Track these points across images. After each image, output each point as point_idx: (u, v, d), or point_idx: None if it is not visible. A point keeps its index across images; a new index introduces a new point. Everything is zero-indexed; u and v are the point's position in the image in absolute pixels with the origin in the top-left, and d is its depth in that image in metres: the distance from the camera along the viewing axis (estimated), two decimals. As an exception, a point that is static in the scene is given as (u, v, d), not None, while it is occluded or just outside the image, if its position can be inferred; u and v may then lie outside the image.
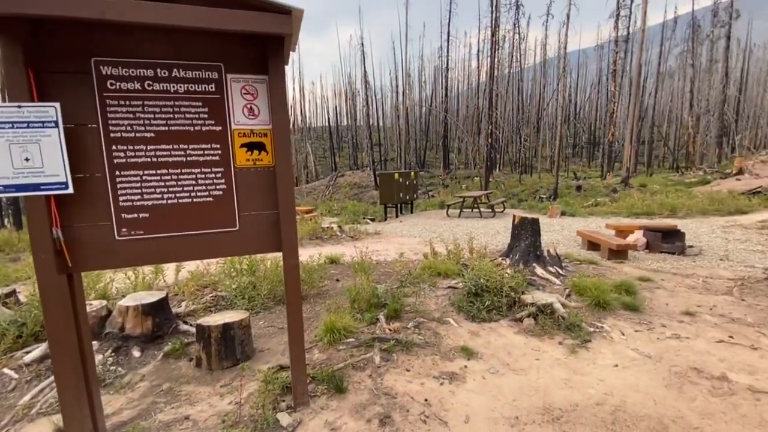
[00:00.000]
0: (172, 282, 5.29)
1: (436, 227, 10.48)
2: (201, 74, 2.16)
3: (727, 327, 3.46)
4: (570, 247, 7.37)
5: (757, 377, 2.62)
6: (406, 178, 13.75)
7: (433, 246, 5.89)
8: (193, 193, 2.21)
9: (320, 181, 32.15)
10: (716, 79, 31.51)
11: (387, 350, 3.01)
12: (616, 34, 24.38)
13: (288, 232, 2.30)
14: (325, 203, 21.92)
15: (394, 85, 39.35)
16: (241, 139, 2.26)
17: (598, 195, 17.48)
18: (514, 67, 34.56)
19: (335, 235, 8.91)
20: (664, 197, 13.53)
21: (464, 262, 5.33)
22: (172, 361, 3.26)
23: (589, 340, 3.20)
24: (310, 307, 4.33)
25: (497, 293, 3.86)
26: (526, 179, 27.14)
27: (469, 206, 13.39)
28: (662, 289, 4.57)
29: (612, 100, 24.35)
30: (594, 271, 5.25)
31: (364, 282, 3.95)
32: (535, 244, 4.92)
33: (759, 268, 5.57)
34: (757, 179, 19.28)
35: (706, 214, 11.04)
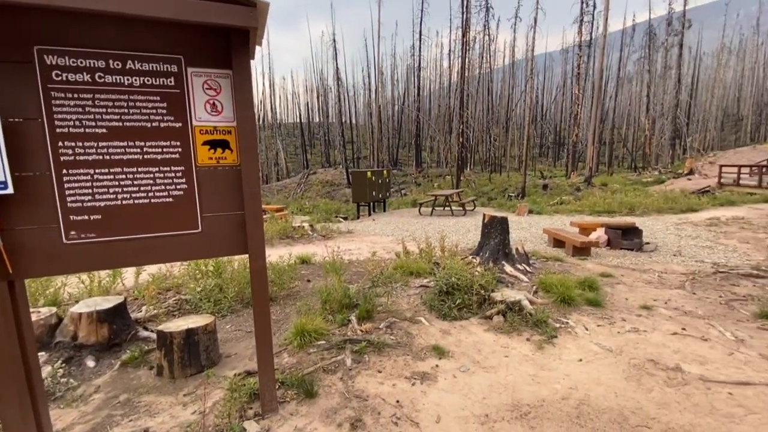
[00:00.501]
0: (131, 285, 5.02)
1: (409, 225, 10.54)
2: (159, 67, 2.03)
3: (681, 320, 3.66)
4: (537, 244, 7.60)
5: (707, 367, 2.78)
6: (379, 177, 13.74)
7: (406, 245, 5.90)
8: (150, 193, 2.08)
9: (291, 179, 31.61)
10: (670, 84, 33.43)
11: (359, 352, 2.97)
12: (579, 38, 25.36)
13: (254, 233, 2.22)
14: (296, 201, 21.55)
15: (367, 83, 39.26)
16: (203, 136, 2.15)
17: (563, 193, 18.15)
18: (484, 68, 35.28)
19: (307, 235, 8.77)
20: (623, 196, 14.22)
21: (436, 261, 5.37)
22: (130, 370, 3.08)
23: (555, 336, 3.30)
24: (279, 309, 4.22)
25: (468, 291, 3.91)
26: (496, 178, 27.82)
27: (441, 204, 13.55)
28: (622, 285, 4.78)
29: (576, 102, 25.34)
30: (559, 268, 5.43)
31: (336, 283, 3.90)
32: (504, 242, 5.03)
33: (708, 263, 5.95)
34: (706, 179, 20.65)
35: (661, 212, 11.69)
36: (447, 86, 37.76)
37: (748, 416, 2.26)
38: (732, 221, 9.29)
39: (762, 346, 3.11)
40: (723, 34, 47.62)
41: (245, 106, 2.15)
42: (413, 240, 7.84)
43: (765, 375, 2.68)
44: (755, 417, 2.25)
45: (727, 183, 17.55)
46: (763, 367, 2.79)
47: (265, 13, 2.01)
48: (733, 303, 4.04)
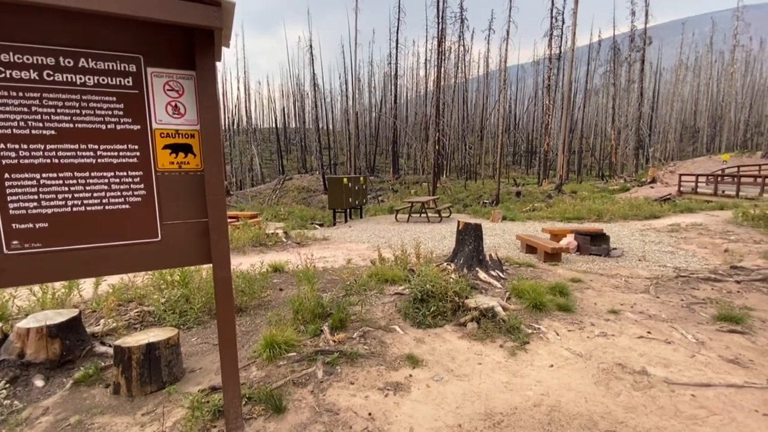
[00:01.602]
0: (90, 297, 4.73)
1: (385, 232, 10.51)
2: (115, 66, 1.92)
3: (646, 323, 3.77)
4: (510, 250, 7.72)
5: (671, 370, 2.86)
6: (356, 183, 13.67)
7: (381, 252, 5.85)
8: (105, 200, 1.95)
9: (266, 185, 31.06)
10: (633, 97, 35.14)
11: (331, 363, 2.89)
12: (549, 51, 26.35)
13: (218, 242, 2.11)
14: (271, 208, 21.14)
15: (344, 89, 39.27)
16: (163, 140, 2.04)
17: (536, 200, 18.63)
18: (459, 78, 36.01)
19: (280, 242, 8.58)
20: (591, 203, 14.73)
21: (411, 268, 5.35)
22: (84, 389, 2.87)
23: (528, 342, 3.32)
24: (249, 320, 4.07)
25: (442, 298, 3.89)
26: (471, 185, 28.29)
27: (417, 211, 13.61)
28: (591, 290, 4.90)
29: (547, 112, 26.22)
30: (532, 274, 5.51)
31: (308, 292, 3.79)
32: (478, 248, 5.07)
33: (670, 267, 6.20)
34: (667, 187, 21.74)
35: (626, 218, 12.16)
36: (423, 95, 38.31)
37: (710, 417, 2.32)
38: (691, 227, 9.77)
39: (721, 347, 3.24)
40: (680, 51, 50.64)
41: (210, 109, 2.06)
42: (389, 247, 7.81)
43: (724, 376, 2.78)
44: (717, 418, 2.31)
45: (686, 191, 18.53)
46: (722, 368, 2.89)
47: (231, 13, 1.93)
48: (693, 306, 4.21)
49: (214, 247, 2.11)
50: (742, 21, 38.50)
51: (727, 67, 44.20)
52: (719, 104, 46.97)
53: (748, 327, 3.63)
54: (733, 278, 5.19)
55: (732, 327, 3.60)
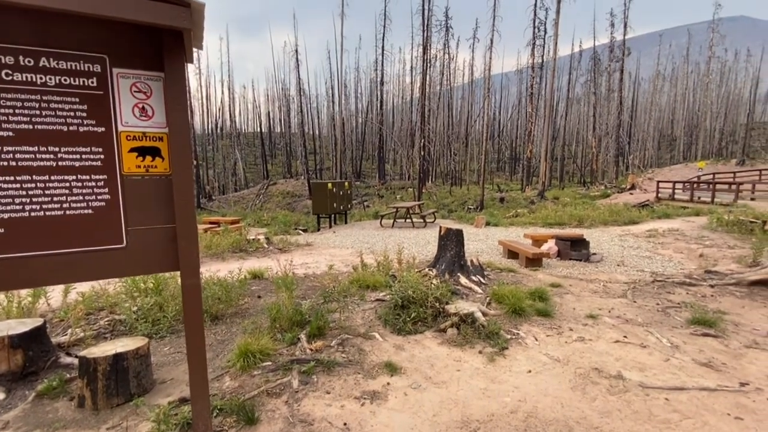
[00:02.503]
0: (59, 305, 4.55)
1: (370, 238, 10.47)
2: (79, 66, 1.86)
3: (622, 328, 3.83)
4: (493, 255, 7.78)
5: (646, 374, 2.90)
6: (340, 188, 13.62)
7: (363, 258, 5.81)
8: (66, 204, 1.87)
9: (250, 190, 30.69)
10: (613, 106, 36.15)
11: (306, 372, 2.83)
12: (532, 60, 26.92)
13: (187, 248, 2.05)
14: (255, 213, 20.88)
15: (330, 95, 39.27)
16: (130, 142, 1.98)
17: (519, 206, 18.89)
18: (444, 85, 36.44)
19: (262, 248, 8.45)
20: (573, 209, 15.00)
21: (393, 273, 5.32)
22: (47, 402, 2.74)
23: (507, 347, 3.32)
24: (225, 329, 3.98)
25: (423, 304, 3.87)
26: (456, 191, 28.52)
27: (402, 216, 13.62)
28: (570, 294, 4.96)
29: (530, 120, 26.73)
30: (512, 279, 5.56)
31: (286, 299, 3.73)
32: (460, 254, 5.08)
33: (647, 272, 6.34)
34: (646, 194, 22.34)
35: (606, 224, 12.42)
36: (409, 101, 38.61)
37: (683, 421, 2.35)
38: (668, 233, 10.03)
39: (694, 351, 3.30)
40: (658, 62, 52.44)
41: (179, 112, 2.01)
42: (372, 253, 7.77)
43: (697, 380, 2.83)
44: (690, 422, 2.35)
45: (663, 197, 19.07)
46: (695, 372, 2.95)
47: (201, 14, 1.90)
48: (668, 310, 4.30)
49: (183, 253, 2.05)
50: (718, 33, 40.14)
51: (702, 78, 45.93)
52: (695, 113, 48.73)
53: (722, 330, 3.72)
54: (708, 282, 5.33)
55: (706, 330, 3.68)
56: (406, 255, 6.68)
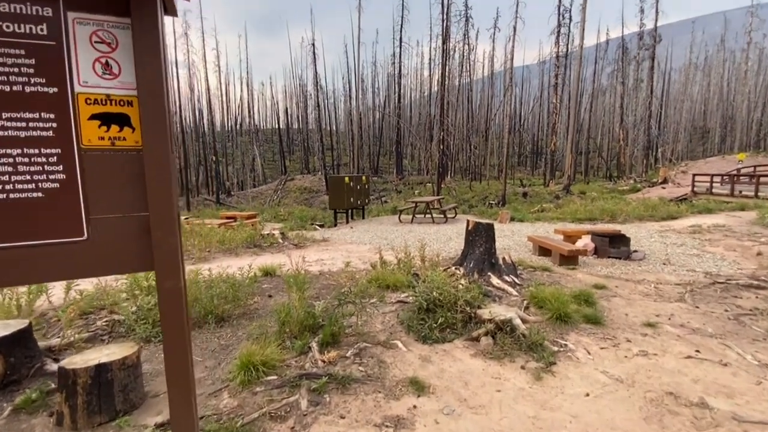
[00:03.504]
0: (61, 303, 4.26)
1: (388, 233, 10.00)
2: (24, 9, 1.43)
3: (691, 339, 3.24)
4: (522, 252, 7.18)
5: (737, 401, 2.33)
6: (358, 183, 13.18)
7: (382, 254, 5.34)
8: (9, 186, 1.46)
9: (268, 185, 30.69)
10: (641, 96, 34.45)
11: (317, 390, 2.38)
12: (557, 49, 25.75)
13: (164, 242, 1.62)
14: (272, 208, 20.72)
15: (347, 90, 38.88)
16: (90, 107, 1.55)
17: (543, 201, 18.04)
18: (464, 77, 35.48)
19: (277, 243, 8.09)
20: (604, 203, 14.13)
21: (415, 272, 4.84)
22: (24, 417, 2.39)
23: (554, 362, 2.80)
24: (231, 332, 3.58)
25: (451, 308, 3.38)
26: (476, 186, 27.72)
27: (421, 212, 13.10)
28: (618, 297, 4.36)
29: (554, 111, 25.62)
30: (549, 279, 4.98)
31: (296, 300, 3.29)
32: (490, 251, 4.55)
33: (700, 272, 5.64)
34: (679, 188, 21.06)
35: (642, 219, 11.57)
36: (428, 95, 37.83)
37: (803, 471, 1.79)
38: (714, 228, 9.17)
39: (787, 370, 2.70)
40: (690, 51, 49.82)
41: (151, 68, 1.57)
42: (391, 249, 7.30)
43: (804, 410, 2.24)
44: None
45: (700, 191, 17.86)
46: (798, 399, 2.36)
47: (175, -64, 1.45)
48: (742, 318, 3.66)
49: (158, 248, 1.61)
50: (757, 17, 37.68)
51: (739, 66, 43.33)
52: (730, 104, 46.07)
53: (813, 344, 3.09)
54: (777, 285, 4.63)
55: (793, 344, 3.06)
56: (429, 252, 6.18)
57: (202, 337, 3.49)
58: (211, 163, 30.97)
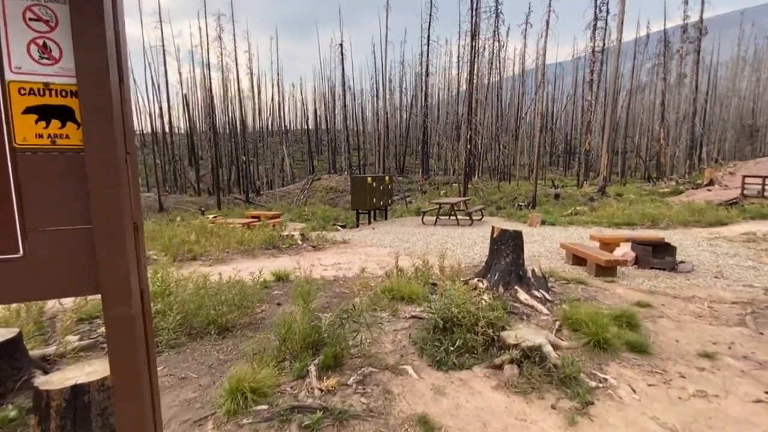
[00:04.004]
0: (71, 305, 4.17)
1: (410, 236, 9.60)
2: (-55, -20, 1.18)
3: (759, 376, 2.68)
4: (553, 260, 6.61)
5: (837, 473, 1.81)
6: (381, 183, 12.85)
7: (399, 261, 4.98)
8: (-73, 193, 1.21)
9: (295, 185, 30.96)
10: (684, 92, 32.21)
11: (310, 427, 2.05)
12: (593, 44, 24.41)
13: (110, 263, 1.32)
14: (298, 207, 20.76)
15: (375, 90, 38.68)
16: (25, 98, 1.27)
17: (577, 203, 17.06)
18: (493, 75, 34.41)
19: (296, 244, 7.89)
20: (644, 207, 13.12)
21: (434, 281, 4.45)
22: (-1, 439, 2.21)
23: (592, 402, 2.34)
24: (233, 344, 3.33)
25: (471, 329, 2.97)
26: (505, 186, 26.77)
27: (446, 213, 12.61)
28: (666, 319, 3.79)
29: (589, 109, 24.30)
30: (584, 294, 4.45)
31: (299, 314, 2.99)
32: (518, 262, 4.09)
33: (759, 288, 4.92)
34: (727, 190, 19.39)
35: (687, 225, 10.59)
36: (456, 94, 37.00)
37: None
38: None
39: None
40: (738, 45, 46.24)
41: (95, 51, 1.28)
42: (411, 254, 6.91)
43: None
44: None
45: (750, 194, 16.32)
46: None
47: None
48: (824, 352, 3.04)
49: (103, 269, 1.32)
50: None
51: (795, 59, 39.71)
52: (785, 100, 42.34)
53: None
54: None
55: None
56: (451, 258, 5.76)
57: (202, 349, 3.25)
58: (242, 163, 31.60)
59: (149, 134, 35.21)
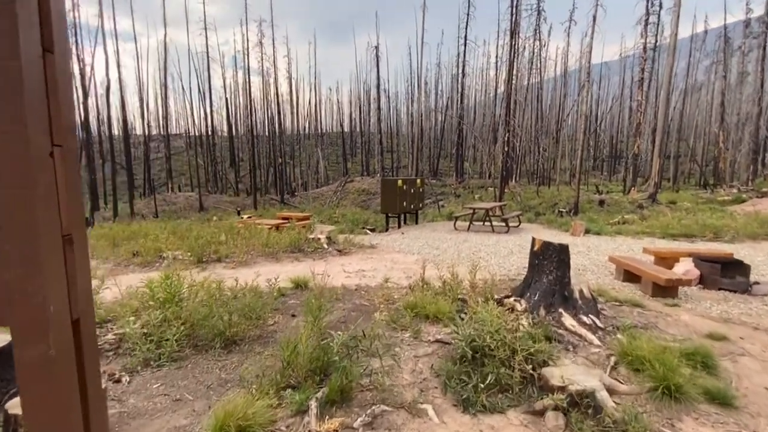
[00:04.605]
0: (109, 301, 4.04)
1: (441, 242, 9.08)
2: None
3: None
4: (601, 275, 5.89)
5: None
6: (412, 186, 12.40)
7: (425, 272, 4.52)
8: None
9: (329, 187, 31.14)
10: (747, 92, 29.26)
11: (300, 486, 1.66)
12: (644, 40, 22.67)
13: (20, 286, 1.00)
14: (330, 209, 20.73)
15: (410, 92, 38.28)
16: None
17: (624, 211, 15.74)
18: (533, 76, 32.94)
19: (321, 248, 7.62)
20: (703, 216, 11.79)
21: (463, 298, 3.96)
22: (-25, 460, 1.99)
23: (665, 476, 1.79)
24: (238, 360, 3.03)
25: (506, 362, 2.48)
26: (544, 191, 25.45)
27: (480, 219, 11.96)
28: (749, 357, 3.09)
29: (638, 110, 22.55)
30: (641, 319, 3.79)
31: (304, 335, 2.62)
32: (563, 280, 3.51)
33: None
34: (801, 199, 17.20)
35: (756, 238, 9.31)
36: (493, 96, 35.80)
37: None
38: None
39: None
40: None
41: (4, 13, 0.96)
42: (439, 263, 6.41)
43: None
44: None
45: (833, 205, 14.33)
46: None
47: None
48: None
49: (11, 295, 1.01)
50: None
51: None
52: None
53: None
54: None
55: None
56: (483, 270, 5.23)
57: (204, 365, 2.98)
58: (279, 165, 32.21)
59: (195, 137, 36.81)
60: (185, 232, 8.48)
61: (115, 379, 2.79)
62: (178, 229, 9.01)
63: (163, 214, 21.30)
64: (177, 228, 9.16)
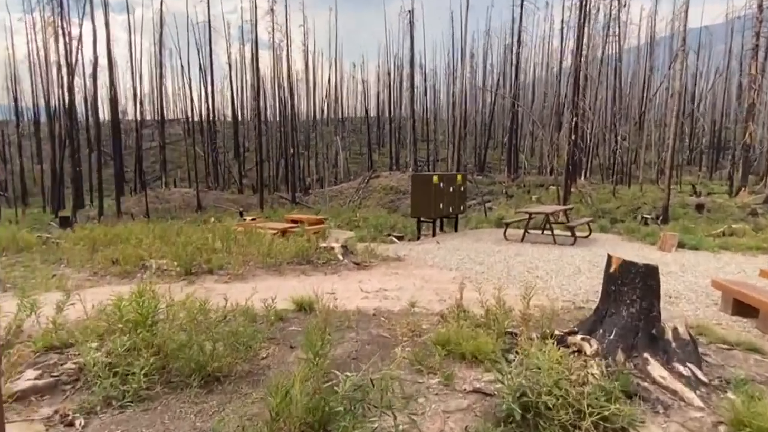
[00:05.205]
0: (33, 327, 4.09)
1: (486, 256, 8.77)
2: None
3: None
4: (701, 305, 5.42)
5: None
6: (451, 183, 12.11)
7: (461, 297, 4.28)
8: None
9: (350, 183, 31.32)
10: None
11: None
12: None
13: None
14: (351, 211, 20.78)
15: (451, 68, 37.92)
16: None
17: (731, 218, 14.77)
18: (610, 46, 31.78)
19: (335, 260, 7.53)
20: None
21: (512, 331, 3.70)
22: None
23: None
24: (218, 402, 2.93)
25: (569, 428, 2.22)
26: (623, 192, 24.41)
27: (538, 226, 11.53)
28: None
29: (752, 87, 21.20)
30: (761, 371, 3.37)
31: (299, 376, 2.46)
32: (650, 314, 3.16)
33: None
34: None
35: None
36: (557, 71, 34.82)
37: None
38: None
39: None
40: None
41: None
42: (484, 282, 6.14)
43: None
44: None
45: None
46: None
47: None
48: None
49: None
50: None
51: None
52: None
53: None
54: None
55: None
56: (540, 294, 4.92)
57: (176, 408, 2.88)
58: (290, 157, 32.74)
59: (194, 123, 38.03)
60: (174, 236, 8.64)
61: (67, 421, 2.74)
62: (167, 232, 9.20)
63: (155, 213, 22.10)
64: (165, 231, 9.35)
